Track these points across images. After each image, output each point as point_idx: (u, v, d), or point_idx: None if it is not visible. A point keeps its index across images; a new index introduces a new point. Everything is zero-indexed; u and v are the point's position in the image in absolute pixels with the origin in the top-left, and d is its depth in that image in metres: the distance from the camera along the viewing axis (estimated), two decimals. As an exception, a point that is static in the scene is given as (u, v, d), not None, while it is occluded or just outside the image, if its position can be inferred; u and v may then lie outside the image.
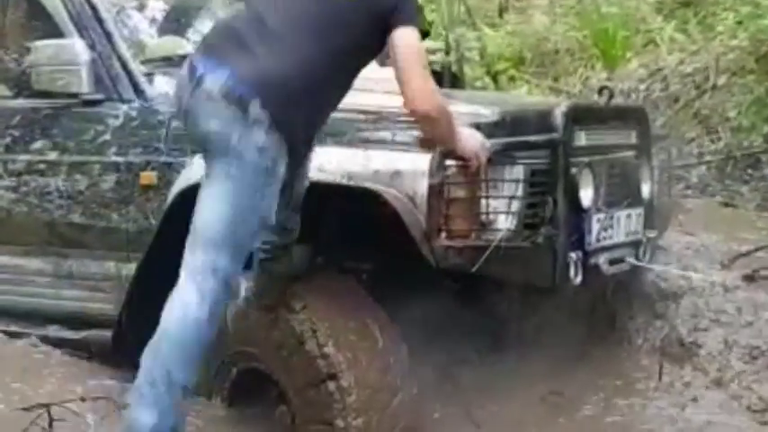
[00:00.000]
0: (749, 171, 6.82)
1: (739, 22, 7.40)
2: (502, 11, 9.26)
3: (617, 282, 3.81)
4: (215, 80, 2.84)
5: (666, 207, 4.28)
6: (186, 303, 2.86)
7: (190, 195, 3.50)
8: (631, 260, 3.74)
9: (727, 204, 6.28)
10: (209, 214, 2.87)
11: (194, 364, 2.89)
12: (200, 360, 2.92)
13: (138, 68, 3.84)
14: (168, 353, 2.87)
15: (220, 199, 2.87)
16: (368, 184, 3.23)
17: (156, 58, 4.01)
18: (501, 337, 3.58)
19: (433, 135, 3.09)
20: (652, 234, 3.95)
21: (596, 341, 3.90)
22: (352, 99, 3.52)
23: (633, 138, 3.93)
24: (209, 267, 2.85)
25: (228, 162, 2.85)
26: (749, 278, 4.74)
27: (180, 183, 3.58)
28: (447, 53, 6.43)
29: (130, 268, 3.73)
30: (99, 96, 3.83)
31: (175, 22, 4.46)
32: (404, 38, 2.92)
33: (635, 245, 3.83)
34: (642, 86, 7.59)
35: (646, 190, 3.91)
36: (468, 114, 3.34)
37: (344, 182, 3.27)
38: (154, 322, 3.60)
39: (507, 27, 8.52)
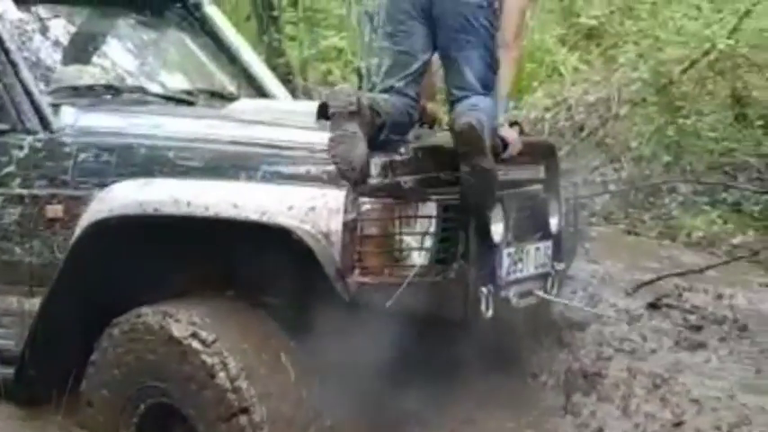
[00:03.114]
0: (650, 199, 7.02)
1: (640, 55, 7.62)
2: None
3: (527, 314, 3.86)
4: None
5: (573, 239, 4.36)
6: None
7: (98, 229, 3.47)
8: (539, 293, 3.79)
9: (629, 232, 6.44)
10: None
11: None
12: None
13: (43, 99, 3.76)
14: None
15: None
16: (281, 221, 3.21)
17: (63, 87, 3.94)
18: (415, 369, 3.58)
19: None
20: (560, 266, 4.02)
21: (507, 373, 3.94)
22: (266, 133, 3.54)
23: (542, 172, 3.99)
24: None
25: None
26: (653, 306, 4.88)
27: (88, 216, 3.51)
28: (360, 85, 6.43)
29: (34, 303, 3.64)
30: (3, 127, 3.74)
31: (81, 49, 4.38)
32: None
33: (544, 277, 3.89)
34: (548, 115, 7.77)
35: (554, 223, 3.98)
36: (382, 152, 3.35)
37: (258, 218, 3.24)
38: (58, 358, 3.55)
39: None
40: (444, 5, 3.60)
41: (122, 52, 4.54)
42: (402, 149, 3.39)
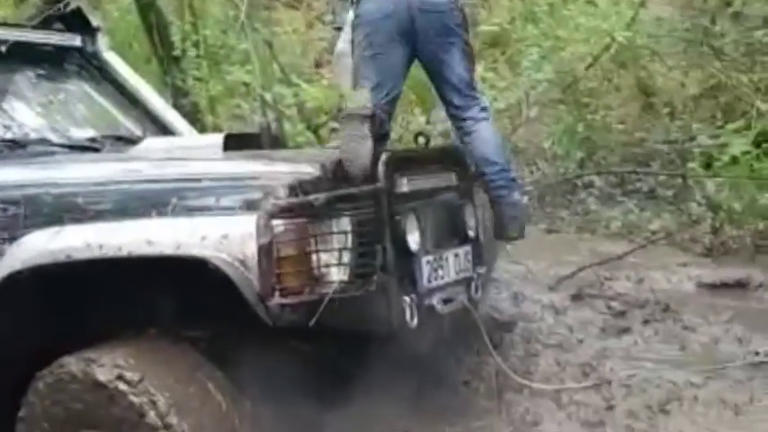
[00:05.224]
0: (568, 197, 7.14)
1: (543, 57, 7.73)
2: (318, 65, 9.41)
3: (452, 320, 3.90)
4: None
5: (494, 242, 4.41)
6: None
7: (12, 283, 3.42)
8: (462, 299, 3.83)
9: (550, 231, 6.54)
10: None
11: None
12: None
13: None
14: None
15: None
16: (196, 252, 3.21)
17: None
18: (345, 386, 3.60)
19: None
20: (482, 270, 4.07)
21: (439, 381, 3.98)
22: (173, 168, 3.55)
23: (453, 179, 4.05)
24: None
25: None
26: (576, 297, 4.96)
27: (0, 271, 3.46)
28: (264, 113, 6.45)
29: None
30: None
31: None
32: None
33: (466, 282, 3.94)
34: (458, 126, 7.80)
35: (471, 228, 4.04)
36: (290, 173, 3.38)
37: (173, 252, 3.23)
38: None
39: (324, 81, 8.64)
40: (424, 17, 4.03)
41: (23, 106, 4.48)
42: (309, 168, 3.43)
